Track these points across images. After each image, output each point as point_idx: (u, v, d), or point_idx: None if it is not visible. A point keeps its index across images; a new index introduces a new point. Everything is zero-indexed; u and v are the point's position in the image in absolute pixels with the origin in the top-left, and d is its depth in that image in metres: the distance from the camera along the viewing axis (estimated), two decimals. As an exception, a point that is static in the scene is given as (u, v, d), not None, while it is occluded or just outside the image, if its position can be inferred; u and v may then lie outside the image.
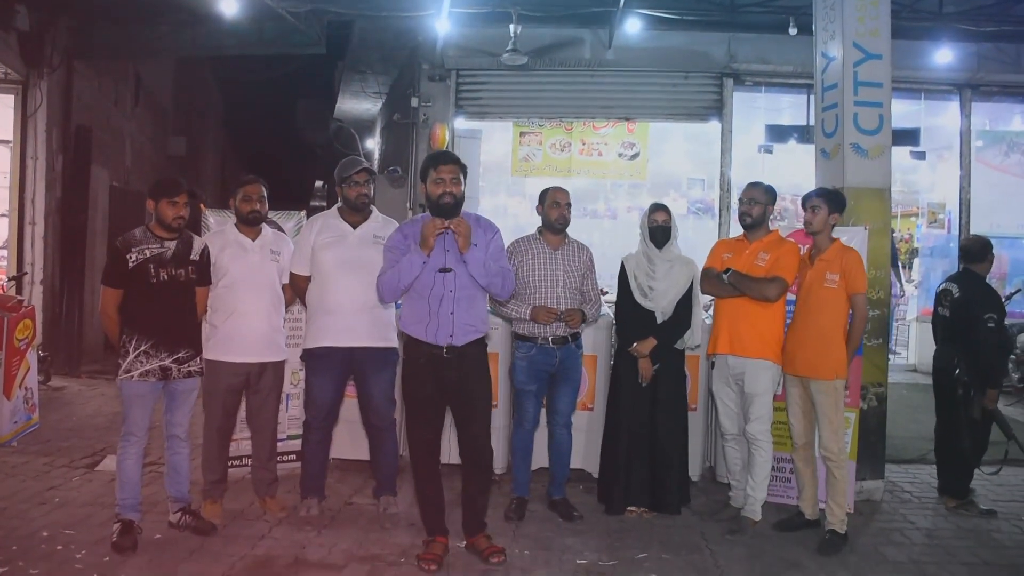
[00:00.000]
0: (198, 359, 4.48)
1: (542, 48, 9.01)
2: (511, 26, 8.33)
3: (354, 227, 4.78)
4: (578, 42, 9.16)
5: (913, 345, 10.31)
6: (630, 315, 5.05)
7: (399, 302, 4.34)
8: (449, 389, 4.15)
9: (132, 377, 4.26)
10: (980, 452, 5.42)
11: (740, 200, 4.97)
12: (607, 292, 6.63)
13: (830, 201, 4.74)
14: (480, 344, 4.23)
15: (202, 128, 18.85)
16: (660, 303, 4.98)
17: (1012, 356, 8.52)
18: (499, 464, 5.47)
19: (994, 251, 5.59)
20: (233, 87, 20.67)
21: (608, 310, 5.75)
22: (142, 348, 4.27)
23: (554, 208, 5.03)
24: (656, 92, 9.30)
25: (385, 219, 4.92)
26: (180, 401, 4.46)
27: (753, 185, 4.97)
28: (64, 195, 9.43)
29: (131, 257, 4.27)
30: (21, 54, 8.67)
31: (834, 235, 4.83)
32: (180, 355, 4.38)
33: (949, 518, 5.23)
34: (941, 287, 5.66)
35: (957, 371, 5.36)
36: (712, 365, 5.10)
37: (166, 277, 4.34)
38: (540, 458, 5.27)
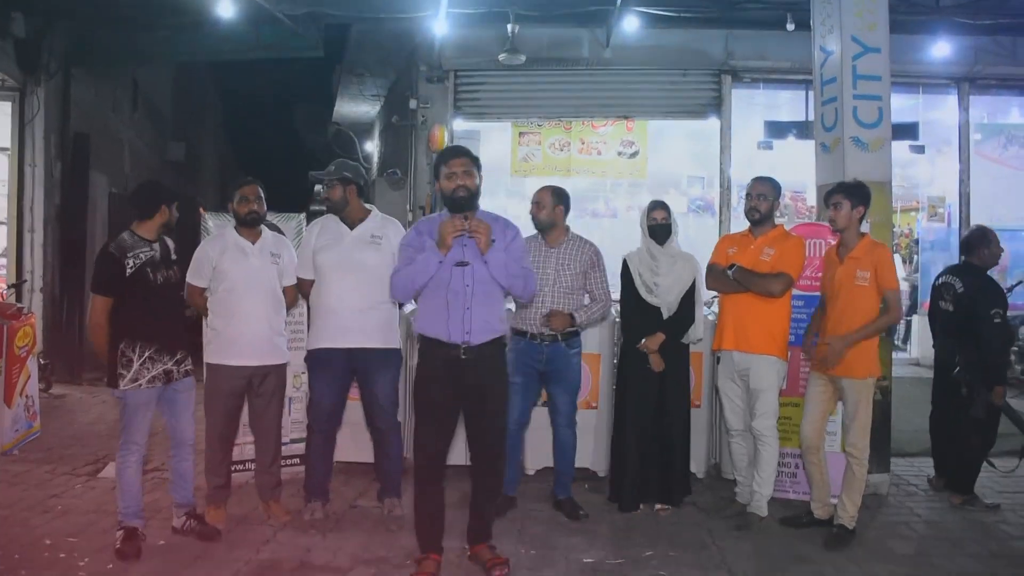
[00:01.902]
0: (189, 359, 4.46)
1: (540, 48, 8.97)
2: (508, 26, 8.31)
3: (351, 228, 4.77)
4: (576, 41, 9.12)
5: (915, 339, 10.29)
6: (636, 312, 5.04)
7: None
8: (465, 394, 3.98)
9: (140, 385, 4.20)
10: (987, 447, 5.40)
11: (748, 195, 4.96)
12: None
13: (852, 195, 4.63)
14: (498, 345, 4.08)
15: (201, 133, 18.86)
16: (666, 298, 4.97)
17: (1015, 348, 8.51)
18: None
19: (995, 242, 5.52)
20: (232, 92, 20.72)
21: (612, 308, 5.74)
22: (146, 354, 4.22)
23: (535, 207, 5.06)
24: (654, 90, 9.26)
25: (384, 218, 4.90)
26: (182, 404, 4.43)
27: (761, 180, 4.96)
28: (63, 202, 9.42)
29: (128, 263, 4.20)
30: (18, 61, 8.65)
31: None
32: (178, 356, 4.37)
33: (955, 511, 5.23)
34: (941, 280, 5.60)
35: (957, 370, 5.34)
36: (717, 361, 5.09)
37: (161, 280, 4.31)
38: (545, 458, 5.26)
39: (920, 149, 9.17)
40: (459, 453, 5.03)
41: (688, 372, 5.20)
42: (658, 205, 5.08)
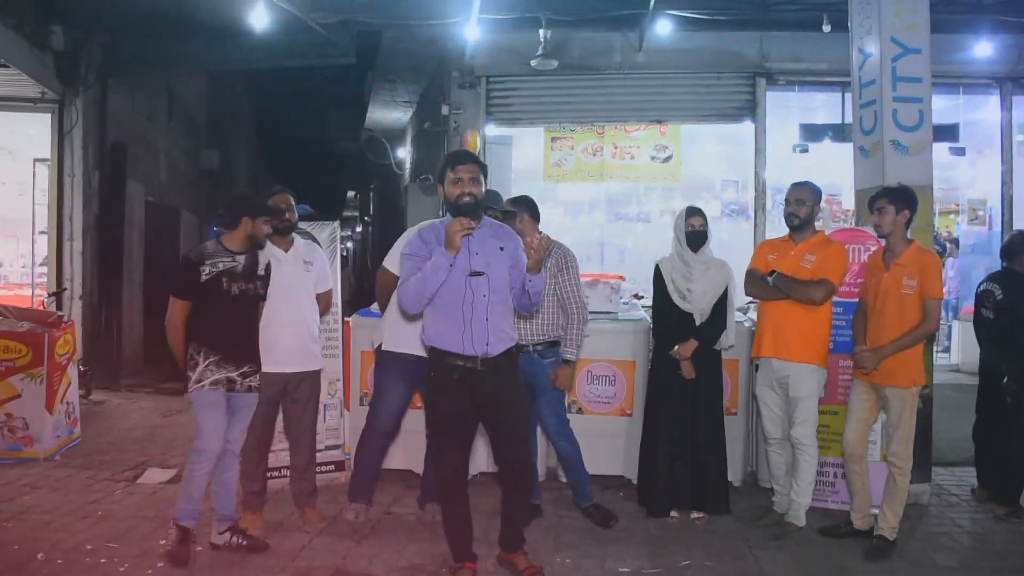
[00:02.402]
0: (258, 376, 4.43)
1: (572, 52, 8.93)
2: (541, 31, 8.29)
3: None
4: (608, 45, 9.06)
5: (956, 345, 10.11)
6: (668, 318, 5.00)
7: None
8: (483, 405, 3.93)
9: (203, 386, 4.22)
10: None
11: (787, 201, 4.88)
12: (643, 297, 6.57)
13: (897, 199, 4.55)
14: (511, 354, 4.02)
15: (235, 141, 19.07)
16: (699, 305, 4.92)
17: None
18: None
19: None
20: (265, 99, 20.92)
21: (645, 314, 5.69)
22: (210, 360, 4.23)
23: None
24: (688, 93, 9.17)
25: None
26: (239, 416, 4.39)
27: (799, 185, 4.88)
28: (101, 211, 9.54)
29: (204, 270, 4.22)
30: (57, 73, 8.79)
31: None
32: (244, 369, 4.34)
33: (999, 523, 5.11)
34: (982, 287, 5.51)
35: (1005, 379, 5.21)
36: (756, 368, 5.02)
37: (237, 291, 4.30)
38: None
39: (960, 151, 8.99)
40: (489, 460, 5.01)
41: (722, 379, 5.13)
42: (695, 212, 5.03)
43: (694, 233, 4.98)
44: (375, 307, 5.34)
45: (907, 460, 4.53)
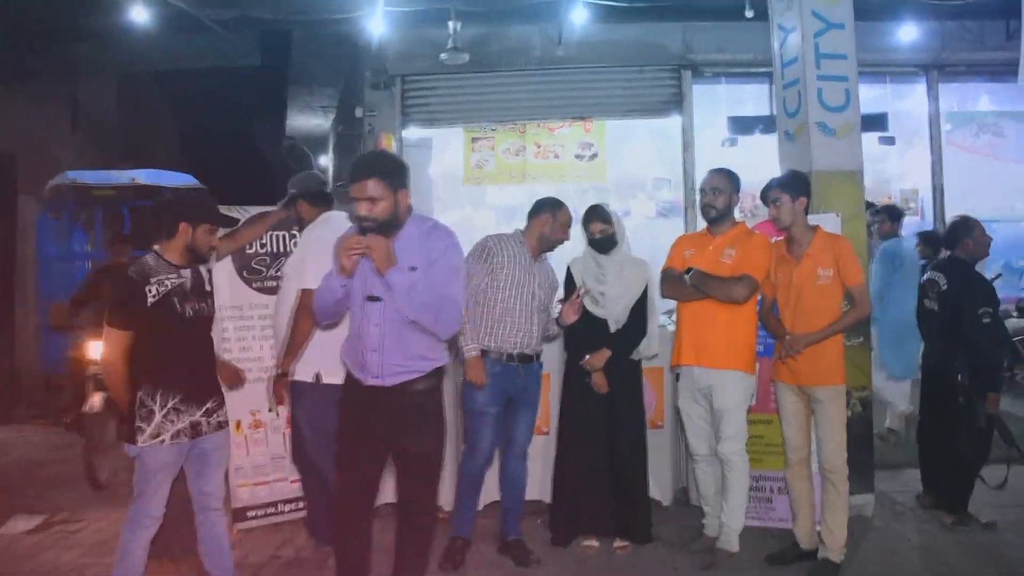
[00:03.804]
0: (223, 408, 3.72)
1: (489, 48, 8.56)
2: (450, 23, 7.85)
3: None
4: (526, 40, 8.72)
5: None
6: (580, 325, 4.45)
7: None
8: (387, 434, 3.37)
9: (163, 442, 3.46)
10: (981, 461, 4.92)
11: (702, 191, 4.45)
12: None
13: (788, 187, 4.21)
14: (425, 382, 3.40)
15: (152, 150, 18.21)
16: (613, 310, 4.46)
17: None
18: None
19: (979, 230, 5.03)
20: (185, 107, 20.20)
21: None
22: (170, 404, 3.48)
23: (565, 229, 4.53)
24: (611, 88, 8.80)
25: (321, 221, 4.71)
26: (214, 461, 3.67)
27: (715, 172, 4.46)
28: (-13, 228, 8.87)
29: (151, 290, 3.45)
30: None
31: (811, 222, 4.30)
32: (209, 405, 3.62)
33: (948, 532, 4.77)
34: (925, 277, 5.18)
35: (959, 376, 4.84)
36: (677, 378, 4.56)
37: (191, 313, 3.56)
38: (493, 491, 4.72)
39: (890, 140, 8.78)
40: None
41: (641, 392, 4.66)
42: (594, 216, 4.55)
43: (595, 242, 4.54)
44: None
45: (843, 469, 4.14)
